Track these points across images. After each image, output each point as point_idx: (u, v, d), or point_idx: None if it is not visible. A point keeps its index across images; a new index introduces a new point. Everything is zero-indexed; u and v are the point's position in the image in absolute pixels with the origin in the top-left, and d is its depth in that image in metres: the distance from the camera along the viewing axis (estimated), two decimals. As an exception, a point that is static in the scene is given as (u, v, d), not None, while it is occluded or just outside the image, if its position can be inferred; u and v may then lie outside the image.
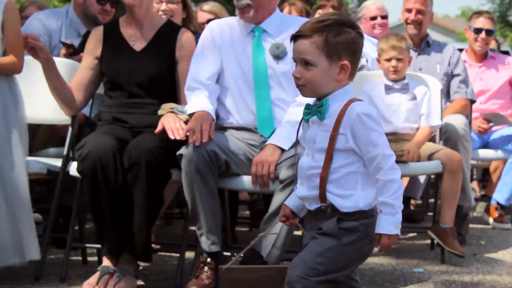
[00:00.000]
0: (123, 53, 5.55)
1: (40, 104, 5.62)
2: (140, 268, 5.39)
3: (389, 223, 3.38)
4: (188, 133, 5.01)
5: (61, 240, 5.71)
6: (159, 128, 5.18)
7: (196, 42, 5.65)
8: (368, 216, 3.47)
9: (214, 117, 5.27)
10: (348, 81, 3.52)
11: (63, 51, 6.08)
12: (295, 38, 3.56)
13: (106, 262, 5.25)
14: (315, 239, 3.49)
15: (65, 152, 5.67)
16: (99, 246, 5.44)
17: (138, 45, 5.58)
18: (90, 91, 5.68)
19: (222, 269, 3.74)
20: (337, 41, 3.43)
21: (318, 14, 7.38)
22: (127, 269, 5.14)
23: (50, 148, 6.15)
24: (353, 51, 3.49)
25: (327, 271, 3.43)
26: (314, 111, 3.51)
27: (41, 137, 6.26)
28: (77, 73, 5.69)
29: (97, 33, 5.71)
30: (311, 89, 3.51)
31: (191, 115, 5.17)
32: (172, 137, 5.09)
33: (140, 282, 5.28)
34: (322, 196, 3.47)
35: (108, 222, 5.19)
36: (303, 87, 3.52)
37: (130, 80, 5.50)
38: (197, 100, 5.26)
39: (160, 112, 5.30)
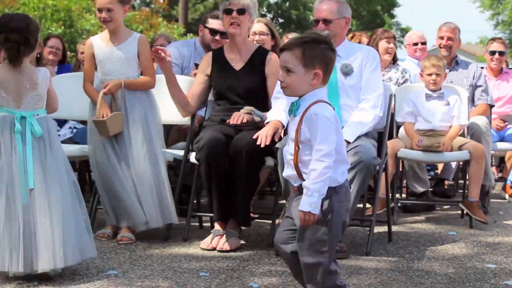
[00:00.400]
0: (226, 72, 5.57)
1: (170, 110, 5.67)
2: (242, 231, 5.39)
3: (304, 203, 3.30)
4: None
5: (183, 210, 5.75)
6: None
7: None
8: (337, 191, 3.40)
9: (286, 122, 5.22)
10: (321, 86, 3.45)
11: (195, 70, 6.15)
12: (281, 50, 3.49)
13: (217, 226, 5.29)
14: (309, 229, 3.38)
15: (186, 145, 5.73)
16: (211, 215, 5.48)
17: (238, 65, 5.59)
18: (201, 99, 5.73)
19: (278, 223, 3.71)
20: (312, 53, 3.38)
21: (385, 42, 7.37)
22: (232, 232, 5.17)
23: (179, 143, 6.21)
24: (326, 62, 3.42)
25: (330, 249, 3.42)
26: (291, 109, 3.47)
27: (173, 135, 6.34)
28: (192, 86, 5.75)
29: (207, 57, 5.76)
30: (291, 90, 3.44)
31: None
32: (232, 122, 5.22)
33: (242, 241, 5.28)
34: (300, 175, 3.42)
35: (218, 197, 5.23)
36: (285, 89, 3.46)
37: (232, 92, 5.53)
38: (275, 110, 5.24)
39: (241, 111, 5.35)
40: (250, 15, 5.51)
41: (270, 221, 5.45)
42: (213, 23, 6.69)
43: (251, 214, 5.56)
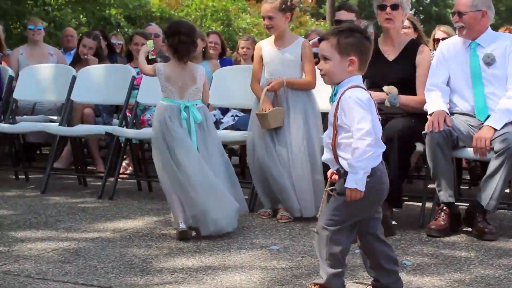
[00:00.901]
0: (380, 62, 5.45)
1: (323, 100, 5.57)
2: (393, 212, 5.32)
3: (350, 180, 3.22)
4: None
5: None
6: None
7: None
8: (370, 174, 3.26)
9: (448, 111, 5.10)
10: (358, 73, 3.36)
11: None
12: (320, 40, 3.45)
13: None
14: (332, 196, 3.36)
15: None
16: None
17: (391, 56, 5.48)
18: None
19: None
20: (346, 42, 3.33)
21: None
22: (387, 214, 5.09)
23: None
24: (360, 50, 3.35)
25: (341, 221, 3.32)
26: (330, 96, 3.41)
27: (325, 123, 6.30)
28: None
29: None
30: (329, 78, 3.39)
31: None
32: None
33: (394, 222, 5.08)
34: (336, 159, 3.34)
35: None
36: (324, 76, 3.41)
37: (385, 81, 5.41)
38: (434, 101, 5.14)
39: (384, 88, 5.26)
40: (403, 9, 5.41)
41: (420, 204, 5.33)
42: (338, 15, 6.73)
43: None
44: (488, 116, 5.05)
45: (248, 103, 5.83)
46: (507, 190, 5.60)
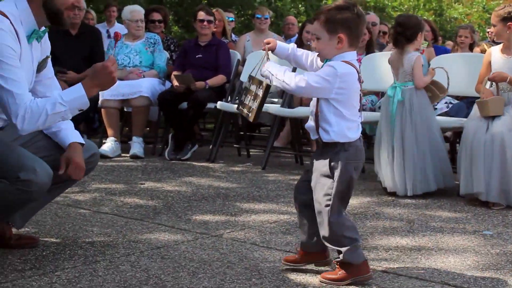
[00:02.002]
0: None
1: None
2: None
3: (271, 66, 3.25)
4: None
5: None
6: None
7: None
8: (346, 148, 3.20)
9: None
10: (349, 49, 3.20)
11: None
12: (312, 20, 3.33)
13: None
14: (319, 183, 3.23)
15: None
16: None
17: None
18: None
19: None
20: (334, 19, 3.17)
21: None
22: None
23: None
24: (349, 27, 3.17)
25: (336, 201, 3.20)
26: None
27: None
28: None
29: None
30: (322, 55, 3.26)
31: None
32: None
33: None
34: (317, 129, 3.23)
35: None
36: (319, 55, 3.29)
37: None
38: None
39: None
40: None
41: None
42: None
43: None
44: None
45: (464, 91, 5.79)
46: None
